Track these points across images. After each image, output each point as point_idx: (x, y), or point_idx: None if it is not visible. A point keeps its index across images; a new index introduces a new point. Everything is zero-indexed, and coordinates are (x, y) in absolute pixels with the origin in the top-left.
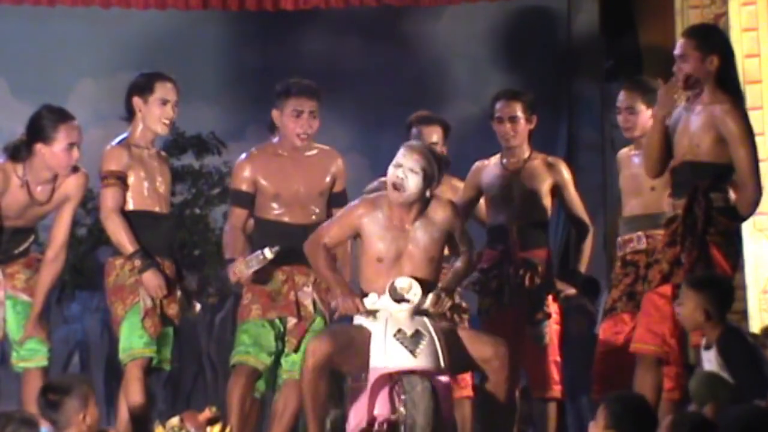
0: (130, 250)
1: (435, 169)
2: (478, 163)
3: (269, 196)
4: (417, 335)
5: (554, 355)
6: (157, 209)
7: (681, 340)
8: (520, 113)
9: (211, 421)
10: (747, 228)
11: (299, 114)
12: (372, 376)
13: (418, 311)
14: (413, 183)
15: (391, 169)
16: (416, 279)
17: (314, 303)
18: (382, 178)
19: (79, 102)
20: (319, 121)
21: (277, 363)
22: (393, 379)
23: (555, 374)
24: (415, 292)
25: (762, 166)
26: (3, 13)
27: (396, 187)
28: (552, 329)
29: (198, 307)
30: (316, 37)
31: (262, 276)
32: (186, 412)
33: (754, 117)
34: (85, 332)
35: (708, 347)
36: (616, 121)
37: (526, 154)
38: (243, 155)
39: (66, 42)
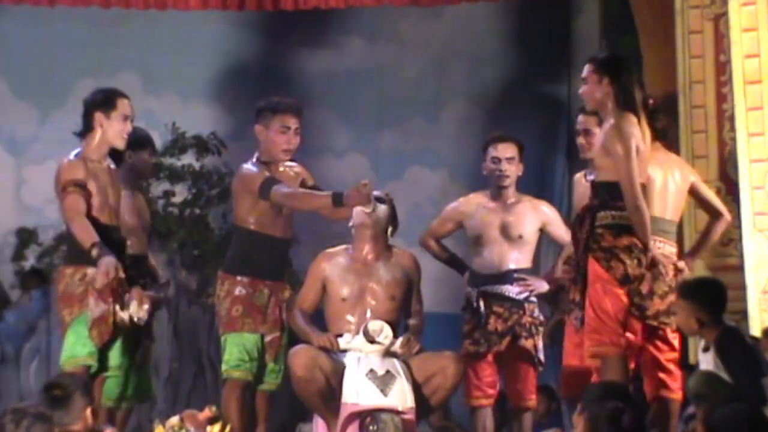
0: (89, 242)
1: (394, 211)
2: (578, 175)
3: (258, 207)
4: (387, 375)
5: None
6: (107, 221)
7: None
8: (595, 128)
9: (211, 421)
10: (747, 228)
11: (286, 130)
12: (344, 412)
13: (388, 353)
14: (381, 209)
15: (357, 213)
16: (378, 316)
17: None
18: None
19: (79, 102)
20: (299, 138)
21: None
22: (363, 415)
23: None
24: (386, 335)
25: (762, 166)
26: (3, 13)
27: (369, 215)
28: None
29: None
30: (316, 37)
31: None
32: (186, 412)
33: (754, 117)
34: None
35: (706, 349)
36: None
37: None
38: (250, 166)
39: (66, 42)
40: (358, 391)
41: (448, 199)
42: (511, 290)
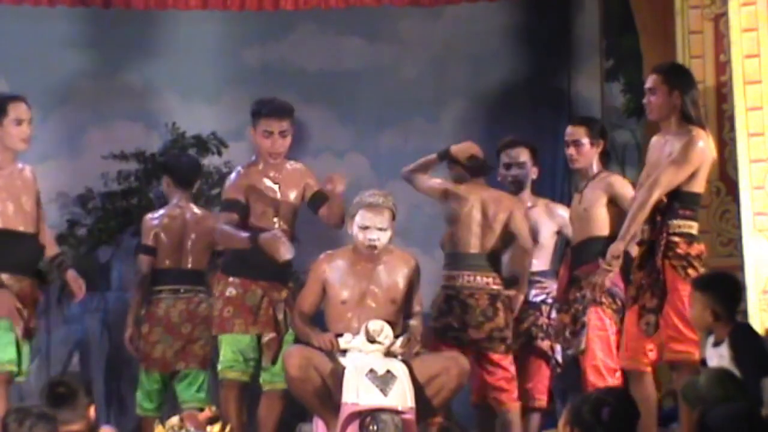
0: None
1: (395, 213)
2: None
3: (253, 211)
4: (388, 375)
5: (591, 360)
6: (21, 228)
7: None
8: (584, 138)
9: (211, 421)
10: (747, 228)
11: (268, 134)
12: (344, 412)
13: (388, 353)
14: (385, 239)
15: (358, 233)
16: (379, 318)
17: (285, 317)
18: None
19: (79, 102)
20: (290, 139)
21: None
22: (363, 415)
23: (592, 377)
24: (386, 335)
25: (762, 166)
26: (3, 13)
27: (371, 248)
28: (590, 335)
29: None
30: (316, 37)
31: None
32: (186, 411)
33: (753, 117)
34: (85, 332)
35: (718, 343)
36: (616, 120)
37: (592, 174)
38: (233, 174)
39: (66, 42)
40: (358, 391)
41: None
42: (527, 293)
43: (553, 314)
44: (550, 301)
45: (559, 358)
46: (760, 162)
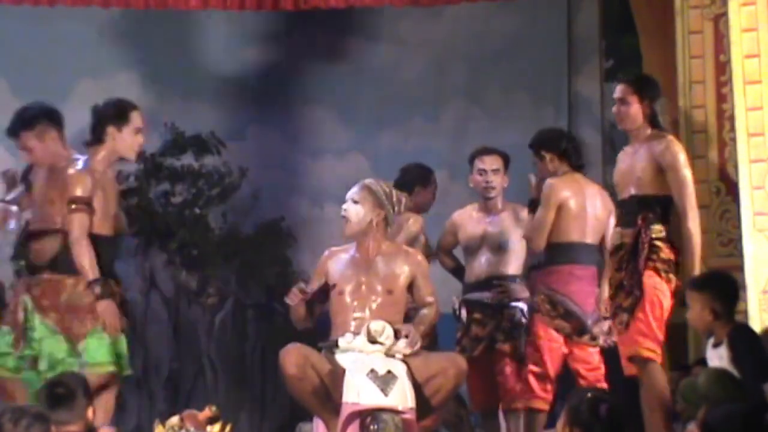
0: (91, 277)
1: (383, 199)
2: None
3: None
4: (389, 375)
5: (530, 365)
6: (107, 232)
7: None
8: (544, 152)
9: (211, 421)
10: (747, 228)
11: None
12: (344, 411)
13: (389, 353)
14: (353, 211)
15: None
16: (376, 311)
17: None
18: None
19: (79, 102)
20: (34, 153)
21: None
22: (363, 415)
23: (531, 383)
24: (387, 335)
25: (762, 166)
26: (3, 13)
27: (344, 219)
28: (529, 342)
29: None
30: (316, 37)
31: None
32: (186, 411)
33: (753, 117)
34: None
35: (717, 345)
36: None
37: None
38: None
39: (66, 42)
40: (358, 391)
41: (448, 199)
42: (489, 297)
43: (517, 316)
44: (514, 304)
45: None
46: (760, 162)
